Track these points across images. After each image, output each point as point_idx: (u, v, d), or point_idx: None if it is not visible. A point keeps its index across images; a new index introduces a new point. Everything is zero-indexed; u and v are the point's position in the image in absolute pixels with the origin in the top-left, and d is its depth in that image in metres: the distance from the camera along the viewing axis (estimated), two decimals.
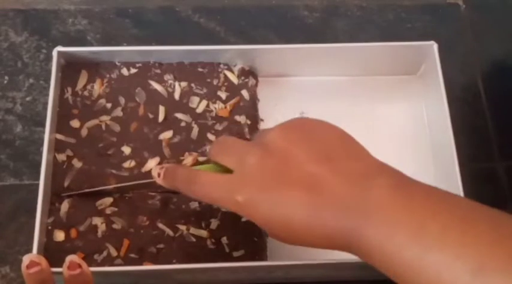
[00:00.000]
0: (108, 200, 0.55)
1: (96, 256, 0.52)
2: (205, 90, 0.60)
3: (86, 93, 0.59)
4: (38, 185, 0.53)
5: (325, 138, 0.42)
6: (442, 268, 0.33)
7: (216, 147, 0.49)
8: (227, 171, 0.45)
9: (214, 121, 0.58)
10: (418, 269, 0.34)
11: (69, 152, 0.56)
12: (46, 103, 0.57)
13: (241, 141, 0.47)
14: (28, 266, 0.44)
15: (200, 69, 0.60)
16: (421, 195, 0.37)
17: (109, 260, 0.52)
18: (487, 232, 0.34)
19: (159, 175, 0.48)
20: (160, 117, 0.58)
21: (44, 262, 0.45)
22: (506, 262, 0.32)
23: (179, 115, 0.58)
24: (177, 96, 0.59)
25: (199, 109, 0.59)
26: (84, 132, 0.57)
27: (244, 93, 0.60)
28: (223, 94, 0.59)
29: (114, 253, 0.53)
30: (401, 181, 0.39)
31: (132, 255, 0.53)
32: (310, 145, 0.41)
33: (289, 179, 0.40)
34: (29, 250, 0.50)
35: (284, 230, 0.40)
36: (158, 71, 0.60)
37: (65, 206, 0.54)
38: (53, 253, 0.51)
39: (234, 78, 0.60)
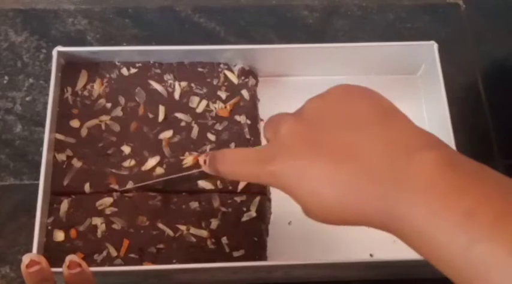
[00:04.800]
0: (108, 200, 0.55)
1: (96, 256, 0.52)
2: (205, 90, 0.60)
3: (85, 92, 0.59)
4: (37, 185, 0.53)
5: (362, 105, 0.38)
6: (493, 264, 0.29)
7: (264, 125, 0.46)
8: None
9: (214, 121, 0.58)
10: (463, 261, 0.30)
11: (69, 152, 0.56)
12: (46, 103, 0.57)
13: (283, 113, 0.42)
14: (28, 266, 0.44)
15: (200, 69, 0.60)
16: (474, 174, 0.32)
17: (109, 260, 0.52)
18: None
19: (205, 162, 0.46)
20: (160, 117, 0.58)
21: (43, 261, 0.45)
22: None
23: (179, 115, 0.58)
24: (177, 95, 0.59)
25: (199, 109, 0.59)
26: (84, 132, 0.57)
27: (244, 93, 0.60)
28: (223, 94, 0.59)
29: (114, 253, 0.53)
30: (451, 156, 0.33)
31: (132, 255, 0.53)
32: (345, 111, 0.38)
33: (319, 147, 0.36)
34: (29, 250, 0.50)
35: (315, 204, 0.36)
36: (158, 71, 0.60)
37: (64, 206, 0.54)
38: (53, 253, 0.51)
39: (234, 78, 0.60)
